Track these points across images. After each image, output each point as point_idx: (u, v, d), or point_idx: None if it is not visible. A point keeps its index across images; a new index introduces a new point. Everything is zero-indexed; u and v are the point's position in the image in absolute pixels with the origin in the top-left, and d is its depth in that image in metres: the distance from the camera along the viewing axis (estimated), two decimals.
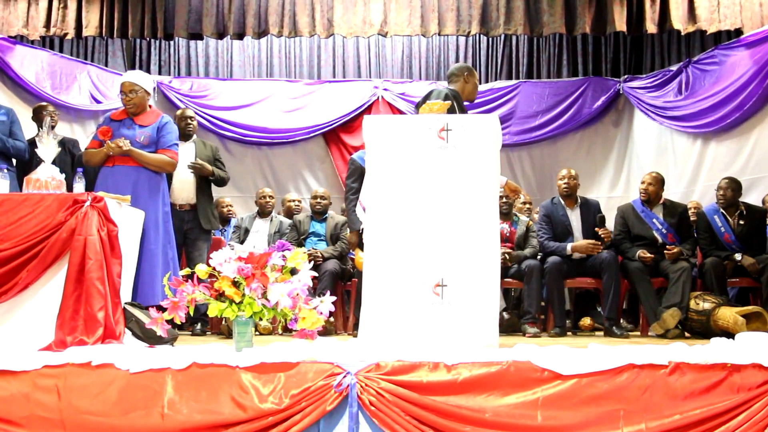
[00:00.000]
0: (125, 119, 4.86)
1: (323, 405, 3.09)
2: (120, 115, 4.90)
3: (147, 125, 4.82)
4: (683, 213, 5.96)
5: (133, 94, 4.81)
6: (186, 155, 5.71)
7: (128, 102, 4.82)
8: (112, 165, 4.71)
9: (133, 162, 4.70)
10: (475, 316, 3.86)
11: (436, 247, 3.93)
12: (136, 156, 4.69)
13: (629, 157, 8.79)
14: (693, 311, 5.34)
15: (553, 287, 5.81)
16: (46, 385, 3.22)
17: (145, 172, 4.74)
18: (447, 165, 3.98)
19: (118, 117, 4.90)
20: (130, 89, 4.81)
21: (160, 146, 4.82)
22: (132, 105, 4.83)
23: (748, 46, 6.91)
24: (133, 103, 4.82)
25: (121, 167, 4.69)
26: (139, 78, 4.93)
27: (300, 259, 3.59)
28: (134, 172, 4.71)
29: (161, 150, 4.81)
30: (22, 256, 3.76)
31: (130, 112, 4.85)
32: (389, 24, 7.33)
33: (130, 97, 4.81)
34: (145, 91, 4.92)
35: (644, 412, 3.11)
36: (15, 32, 7.37)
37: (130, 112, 4.85)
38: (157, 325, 3.50)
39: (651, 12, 7.08)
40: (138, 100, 4.84)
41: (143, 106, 4.90)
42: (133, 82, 4.84)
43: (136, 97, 4.83)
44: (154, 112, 4.99)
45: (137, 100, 4.83)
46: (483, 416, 3.10)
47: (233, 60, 9.54)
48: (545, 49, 9.51)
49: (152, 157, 4.76)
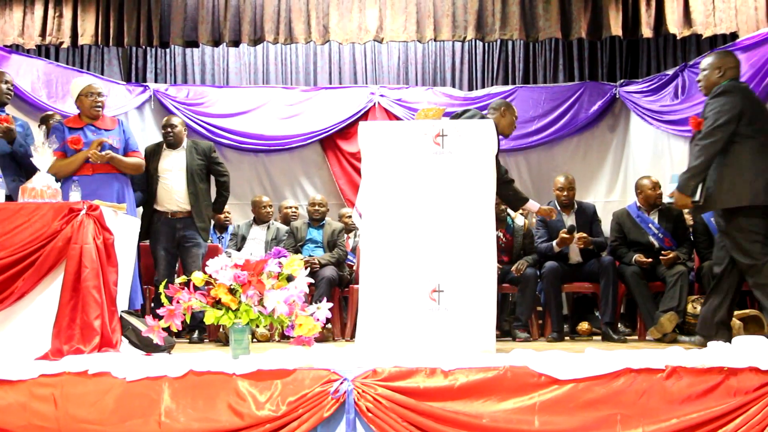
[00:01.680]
0: (87, 125, 4.80)
1: (320, 412, 3.09)
2: (75, 122, 4.84)
3: (111, 129, 4.82)
4: (679, 217, 5.96)
5: (102, 96, 4.83)
6: (177, 163, 5.65)
7: (97, 104, 4.79)
8: (91, 173, 4.68)
9: (112, 168, 4.70)
10: (472, 321, 3.87)
11: (433, 252, 3.94)
12: (118, 162, 4.68)
13: (626, 161, 8.78)
14: (690, 315, 5.35)
15: (550, 292, 5.83)
16: (43, 394, 3.22)
17: (122, 177, 4.77)
18: (443, 170, 3.99)
19: (74, 124, 4.83)
20: (98, 91, 4.81)
21: (130, 149, 4.83)
22: (100, 108, 4.81)
23: (744, 50, 6.91)
24: (101, 106, 4.81)
25: (101, 175, 4.69)
26: (101, 82, 4.95)
27: (296, 266, 3.59)
28: (114, 178, 4.72)
29: (131, 153, 4.83)
30: (18, 265, 3.75)
31: (93, 116, 4.81)
32: (385, 30, 7.33)
33: (100, 100, 4.80)
34: (105, 94, 4.98)
35: (641, 416, 3.11)
36: (10, 41, 7.36)
37: (94, 115, 4.80)
38: (153, 333, 3.50)
39: (646, 16, 7.08)
40: (104, 103, 4.86)
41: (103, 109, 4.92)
42: (98, 85, 4.86)
43: (103, 100, 4.85)
44: (107, 117, 4.98)
45: (104, 103, 4.86)
46: (480, 422, 3.10)
47: (229, 67, 9.54)
48: (541, 54, 9.52)
49: (129, 161, 4.77)
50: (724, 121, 4.23)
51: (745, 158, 4.24)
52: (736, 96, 4.31)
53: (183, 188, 5.60)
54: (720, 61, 4.50)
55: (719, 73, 4.47)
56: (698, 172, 4.27)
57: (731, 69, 4.48)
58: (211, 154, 5.84)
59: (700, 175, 4.28)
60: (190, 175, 5.62)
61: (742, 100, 4.31)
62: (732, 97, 4.30)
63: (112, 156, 4.64)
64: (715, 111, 4.28)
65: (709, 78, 4.52)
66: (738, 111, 4.25)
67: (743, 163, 4.23)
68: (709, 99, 4.43)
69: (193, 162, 5.68)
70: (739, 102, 4.28)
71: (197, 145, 5.83)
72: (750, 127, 4.26)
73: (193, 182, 5.61)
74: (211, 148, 5.89)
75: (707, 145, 4.23)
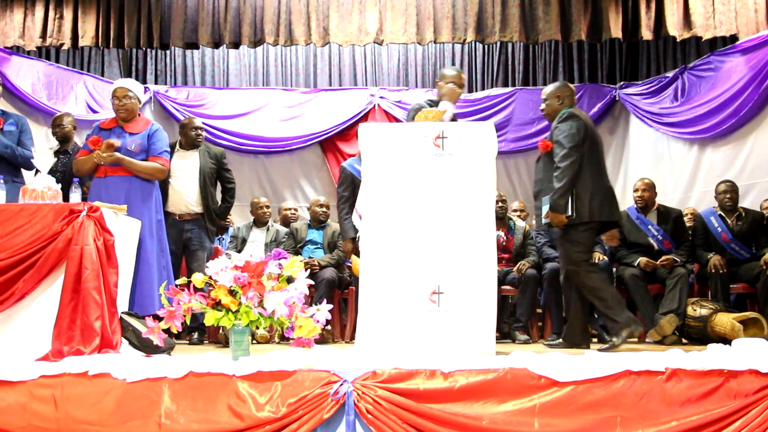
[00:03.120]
0: (115, 128, 4.83)
1: (320, 413, 3.09)
2: (109, 124, 4.87)
3: (137, 133, 4.81)
4: (677, 218, 5.97)
5: (127, 100, 4.81)
6: (190, 166, 5.70)
7: (121, 107, 4.80)
8: (104, 176, 4.69)
9: (125, 171, 4.69)
10: (472, 323, 3.87)
11: (433, 254, 3.94)
12: (127, 164, 4.68)
13: (625, 163, 8.79)
14: (690, 317, 5.34)
15: (551, 294, 5.83)
16: (43, 395, 3.22)
17: (137, 180, 4.73)
18: (443, 172, 3.99)
19: (107, 126, 4.87)
20: (123, 95, 4.80)
21: (151, 153, 4.81)
22: (124, 111, 4.81)
23: (744, 52, 6.93)
24: (125, 109, 4.81)
25: (113, 177, 4.67)
26: (133, 85, 4.93)
27: (296, 268, 3.59)
28: (126, 181, 4.69)
29: (152, 157, 4.80)
30: (18, 266, 3.76)
31: (121, 118, 4.83)
32: (385, 32, 7.34)
33: (123, 103, 4.79)
34: (137, 98, 4.93)
35: (641, 418, 3.11)
36: (11, 43, 7.38)
37: (121, 118, 4.82)
38: (153, 335, 3.50)
39: (646, 18, 7.10)
40: (131, 106, 4.83)
41: (134, 113, 4.89)
42: (127, 88, 4.84)
43: (129, 104, 4.82)
44: (143, 119, 4.98)
45: (130, 106, 4.83)
46: (480, 423, 3.10)
47: (229, 69, 9.55)
48: (541, 56, 9.54)
49: (143, 165, 4.74)
50: (577, 142, 4.66)
51: (584, 178, 4.68)
52: (581, 120, 4.74)
53: (194, 190, 5.65)
54: (559, 90, 5.00)
55: (559, 101, 4.94)
56: (565, 191, 4.64)
57: (568, 97, 4.96)
58: (222, 159, 5.94)
59: (568, 193, 4.65)
60: (202, 177, 5.69)
61: (584, 124, 4.74)
62: (578, 121, 4.72)
63: (119, 157, 4.63)
64: (566, 134, 4.69)
65: (551, 105, 4.98)
66: (584, 134, 4.70)
67: (583, 183, 4.68)
68: (556, 123, 4.83)
69: (206, 164, 5.75)
70: (583, 126, 4.72)
71: (209, 149, 5.91)
72: (590, 150, 4.73)
73: (205, 185, 5.68)
74: (222, 154, 6.00)
75: (568, 165, 4.63)
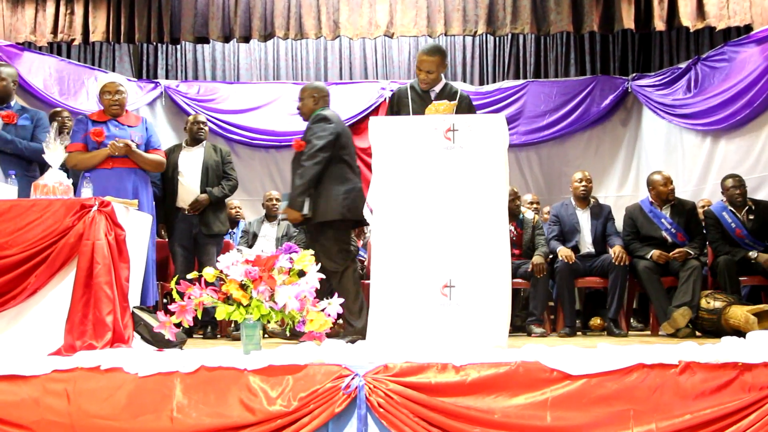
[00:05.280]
0: (109, 120, 4.81)
1: (332, 407, 3.09)
2: (101, 116, 4.84)
3: (134, 126, 4.84)
4: (691, 211, 5.93)
5: (119, 95, 4.83)
6: (195, 159, 5.74)
7: (114, 103, 4.80)
8: (110, 167, 4.68)
9: (131, 163, 4.71)
10: (484, 316, 3.86)
11: (444, 248, 3.93)
12: (137, 157, 4.69)
13: (638, 155, 8.74)
14: (704, 310, 5.31)
15: (563, 287, 5.82)
16: (56, 390, 3.22)
17: (140, 173, 4.78)
18: (454, 165, 3.97)
19: (98, 118, 4.84)
20: (116, 90, 4.81)
21: (151, 146, 4.86)
22: (118, 106, 4.82)
23: (758, 43, 6.85)
24: (119, 105, 4.82)
25: (120, 169, 4.68)
26: (121, 79, 5.02)
27: (307, 261, 3.59)
28: (132, 173, 4.72)
29: (152, 150, 4.86)
30: (30, 262, 3.76)
31: (113, 114, 4.82)
32: (395, 25, 7.32)
33: (116, 98, 4.81)
34: (126, 92, 4.97)
35: (654, 412, 3.08)
36: (23, 39, 7.40)
37: (113, 113, 4.82)
38: (165, 329, 3.51)
39: (659, 9, 7.03)
40: (123, 101, 4.86)
41: (124, 107, 4.92)
42: (118, 83, 4.87)
43: (122, 98, 4.85)
44: (131, 114, 5.03)
45: (123, 101, 4.86)
46: (492, 417, 3.08)
47: (240, 63, 9.56)
48: (552, 48, 9.48)
49: (149, 158, 4.79)
50: (324, 144, 4.70)
51: (336, 178, 4.75)
52: (333, 123, 4.81)
53: (199, 184, 5.69)
54: (314, 90, 5.04)
55: (314, 101, 4.98)
56: (304, 190, 4.70)
57: (324, 98, 5.01)
58: (227, 156, 5.98)
59: (306, 192, 4.71)
60: (205, 169, 5.73)
61: (336, 126, 4.81)
62: (330, 123, 4.79)
63: (131, 149, 4.64)
64: (317, 135, 4.75)
65: (306, 105, 5.02)
66: (335, 136, 4.75)
67: (335, 183, 4.74)
68: (310, 124, 4.89)
69: (210, 158, 5.80)
70: (335, 128, 4.79)
71: (216, 146, 5.99)
72: (342, 151, 4.80)
73: (207, 178, 5.72)
74: (228, 152, 6.05)
75: (311, 165, 4.68)
